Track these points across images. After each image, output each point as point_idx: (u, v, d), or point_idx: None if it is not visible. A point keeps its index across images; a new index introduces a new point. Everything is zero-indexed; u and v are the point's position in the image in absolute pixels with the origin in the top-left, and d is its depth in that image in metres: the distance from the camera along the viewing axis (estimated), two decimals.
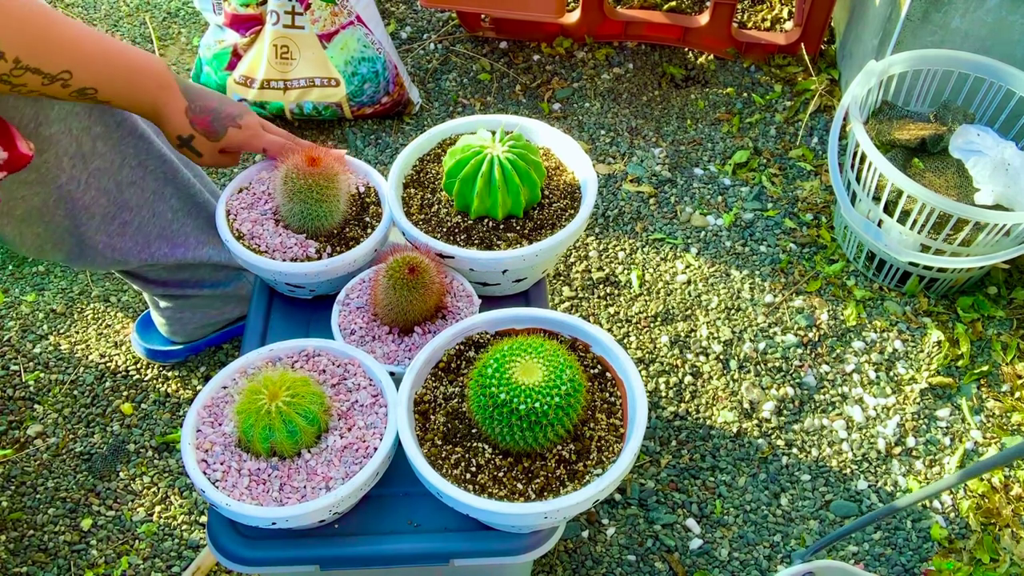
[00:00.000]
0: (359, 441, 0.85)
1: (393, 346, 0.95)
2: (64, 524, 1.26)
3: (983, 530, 1.25)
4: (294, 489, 0.81)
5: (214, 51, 1.68)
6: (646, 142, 1.75)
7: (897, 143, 1.46)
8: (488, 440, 0.83)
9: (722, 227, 1.61)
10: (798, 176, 1.68)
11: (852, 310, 1.48)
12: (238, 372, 0.90)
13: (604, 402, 0.87)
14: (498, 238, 0.99)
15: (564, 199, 1.03)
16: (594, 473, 0.81)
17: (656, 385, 1.40)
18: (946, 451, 1.34)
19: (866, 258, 1.52)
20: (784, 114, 1.78)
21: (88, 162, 1.05)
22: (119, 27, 1.98)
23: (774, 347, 1.45)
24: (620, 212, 1.63)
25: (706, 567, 1.23)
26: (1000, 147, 1.42)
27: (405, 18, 1.99)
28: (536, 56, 1.90)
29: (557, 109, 1.81)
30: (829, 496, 1.29)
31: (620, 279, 1.54)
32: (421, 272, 0.91)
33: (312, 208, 0.98)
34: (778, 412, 1.37)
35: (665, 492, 1.29)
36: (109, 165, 1.08)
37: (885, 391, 1.40)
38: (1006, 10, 1.44)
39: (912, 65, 1.49)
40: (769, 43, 1.85)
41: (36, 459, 1.32)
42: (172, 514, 1.27)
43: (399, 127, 1.76)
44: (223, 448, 0.84)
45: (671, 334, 1.46)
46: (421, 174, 1.07)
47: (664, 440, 1.34)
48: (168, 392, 1.40)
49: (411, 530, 0.88)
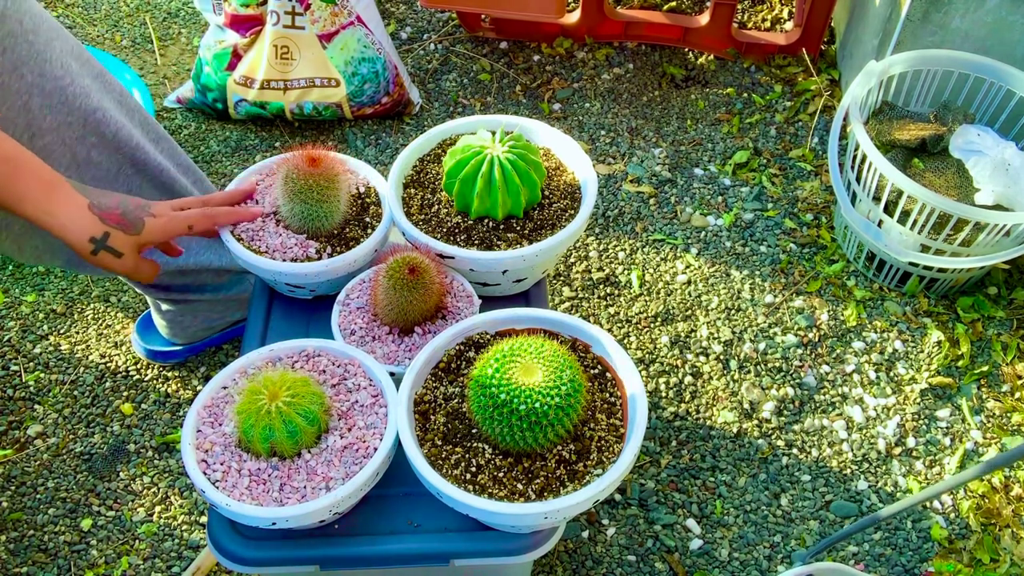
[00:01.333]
0: (359, 441, 0.85)
1: (393, 346, 0.95)
2: (64, 524, 1.26)
3: (983, 530, 1.25)
4: (294, 489, 0.81)
5: (214, 51, 1.68)
6: (646, 142, 1.75)
7: (897, 143, 1.46)
8: (488, 440, 0.83)
9: (722, 227, 1.61)
10: (798, 176, 1.68)
11: (852, 310, 1.48)
12: (238, 372, 0.90)
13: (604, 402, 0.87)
14: (498, 238, 0.99)
15: (564, 199, 1.03)
16: (594, 473, 0.81)
17: (656, 385, 1.40)
18: (946, 451, 1.34)
19: (866, 258, 1.52)
20: (784, 114, 1.78)
21: (83, 172, 1.05)
22: (119, 27, 1.98)
23: (774, 347, 1.45)
24: (620, 212, 1.63)
25: (706, 567, 1.23)
26: (1000, 147, 1.42)
27: (405, 18, 1.99)
28: (536, 56, 1.90)
29: (557, 109, 1.81)
30: (829, 496, 1.29)
31: (620, 279, 1.54)
32: (421, 272, 0.91)
33: (312, 208, 0.98)
34: (778, 412, 1.37)
35: (665, 492, 1.29)
36: (105, 174, 1.07)
37: (885, 391, 1.40)
38: (1006, 10, 1.44)
39: (912, 65, 1.49)
40: (769, 43, 1.85)
41: (36, 459, 1.32)
42: (172, 514, 1.27)
43: (399, 127, 1.76)
44: (223, 448, 0.84)
45: (671, 334, 1.46)
46: (421, 174, 1.07)
47: (664, 440, 1.34)
48: (168, 392, 1.40)
49: (411, 530, 0.88)
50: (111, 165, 1.08)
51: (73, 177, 1.03)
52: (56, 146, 1.00)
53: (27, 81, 0.96)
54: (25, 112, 0.97)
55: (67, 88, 1.01)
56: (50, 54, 0.99)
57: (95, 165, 1.06)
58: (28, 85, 0.97)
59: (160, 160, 1.14)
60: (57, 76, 1.00)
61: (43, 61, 0.98)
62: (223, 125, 1.77)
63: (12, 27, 0.94)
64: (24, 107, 0.97)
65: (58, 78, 1.00)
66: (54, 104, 1.00)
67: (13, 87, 0.95)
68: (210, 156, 1.72)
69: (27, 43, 0.96)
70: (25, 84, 0.96)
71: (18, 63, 0.95)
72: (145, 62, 1.90)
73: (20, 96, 0.96)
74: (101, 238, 0.88)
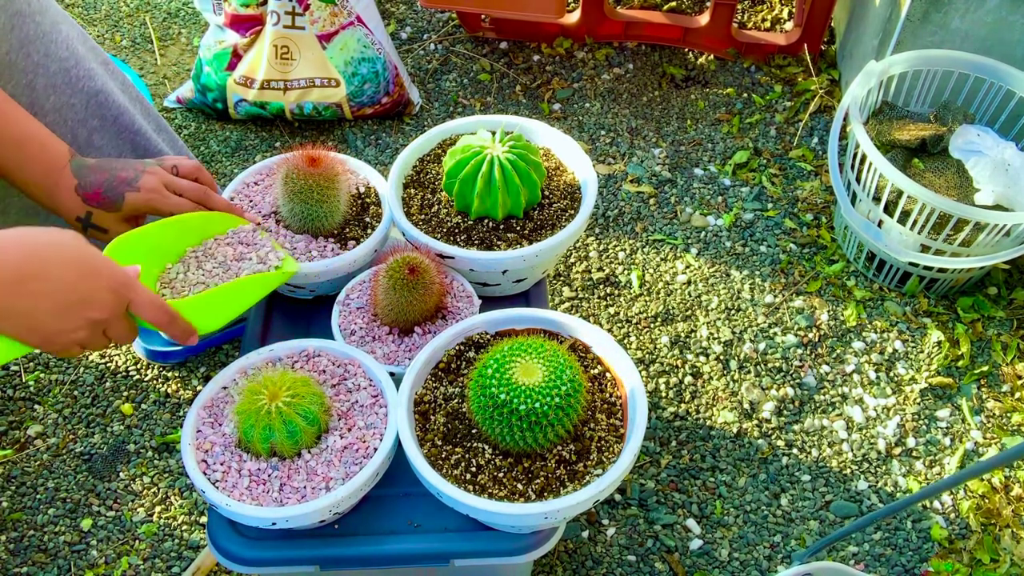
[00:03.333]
0: (359, 441, 0.85)
1: (393, 346, 0.96)
2: (64, 524, 1.26)
3: (983, 530, 1.25)
4: (294, 489, 0.81)
5: (214, 51, 1.68)
6: (646, 142, 1.75)
7: (897, 143, 1.46)
8: (488, 440, 0.83)
9: (722, 227, 1.61)
10: (798, 176, 1.68)
11: (852, 310, 1.48)
12: (238, 372, 0.90)
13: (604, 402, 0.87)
14: (498, 238, 0.99)
15: (564, 199, 1.03)
16: (594, 473, 0.81)
17: (656, 385, 1.40)
18: (946, 451, 1.34)
19: (866, 258, 1.52)
20: (784, 114, 1.78)
21: (84, 154, 1.05)
22: (119, 27, 1.98)
23: (774, 347, 1.45)
24: (620, 212, 1.63)
25: (706, 567, 1.23)
26: (1000, 147, 1.42)
27: (405, 18, 1.99)
28: (536, 56, 1.90)
29: (557, 109, 1.81)
30: (829, 496, 1.29)
31: (620, 279, 1.54)
32: (421, 272, 0.91)
33: (312, 208, 0.99)
34: (778, 412, 1.37)
35: (665, 492, 1.29)
36: None
37: (885, 391, 1.40)
38: (1006, 10, 1.44)
39: (912, 65, 1.49)
40: (769, 43, 1.85)
41: (36, 459, 1.32)
42: (172, 514, 1.27)
43: (399, 127, 1.76)
44: (223, 448, 0.84)
45: (671, 334, 1.46)
46: (421, 174, 1.07)
47: (664, 440, 1.34)
48: (168, 392, 1.40)
49: (411, 530, 0.88)
50: (112, 150, 1.08)
51: None
52: (58, 126, 1.01)
53: (33, 60, 0.97)
54: (29, 91, 0.97)
55: (72, 70, 1.01)
56: (56, 36, 1.00)
57: (96, 149, 1.06)
58: (34, 64, 0.97)
59: (162, 148, 1.14)
60: (63, 57, 1.00)
61: (49, 42, 0.98)
62: (223, 125, 1.77)
63: (19, 7, 0.95)
64: (28, 86, 0.97)
65: (63, 59, 1.00)
66: (58, 85, 1.00)
67: (19, 65, 0.95)
68: (210, 156, 1.72)
69: (34, 23, 0.97)
70: (31, 63, 0.96)
71: (25, 41, 0.95)
72: (145, 62, 1.90)
73: (25, 75, 0.96)
74: (85, 217, 0.91)
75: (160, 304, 0.80)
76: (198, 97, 1.74)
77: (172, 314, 0.81)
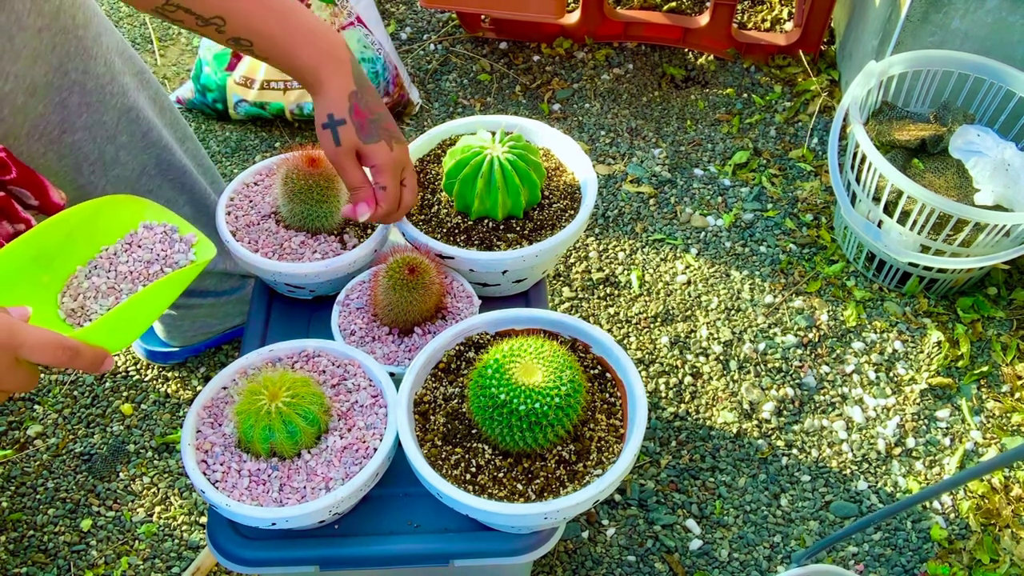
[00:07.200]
0: (359, 442, 0.85)
1: (393, 347, 0.95)
2: (64, 524, 1.26)
3: (983, 531, 1.25)
4: (294, 490, 0.81)
5: (214, 51, 1.68)
6: (646, 143, 1.75)
7: (897, 144, 1.46)
8: (488, 441, 0.83)
9: (722, 228, 1.61)
10: (798, 177, 1.68)
11: (852, 311, 1.48)
12: (238, 373, 0.90)
13: (604, 403, 0.87)
14: (498, 239, 0.99)
15: (564, 200, 1.03)
16: (594, 473, 0.81)
17: (656, 386, 1.40)
18: (946, 452, 1.34)
19: (866, 259, 1.52)
20: (784, 115, 1.78)
21: (108, 170, 1.04)
22: (119, 27, 1.98)
23: (774, 348, 1.45)
24: (620, 213, 1.63)
25: (706, 568, 1.23)
26: (1000, 148, 1.42)
27: (405, 19, 1.99)
28: (536, 57, 1.90)
29: (557, 110, 1.81)
30: (829, 497, 1.29)
31: (620, 280, 1.54)
32: (421, 273, 0.91)
33: (312, 208, 0.98)
34: (778, 413, 1.37)
35: (665, 493, 1.29)
36: (129, 173, 1.07)
37: (885, 392, 1.40)
38: (1006, 11, 1.44)
39: (912, 66, 1.49)
40: (769, 44, 1.85)
41: (36, 459, 1.32)
42: (172, 515, 1.27)
43: (399, 128, 1.76)
44: (223, 449, 0.84)
45: (671, 335, 1.46)
46: (421, 175, 1.07)
47: (664, 440, 1.34)
48: (168, 393, 1.40)
49: (411, 531, 0.88)
50: (136, 165, 1.07)
51: (95, 174, 1.02)
52: (85, 143, 1.00)
53: (70, 79, 0.96)
54: (62, 109, 0.96)
55: (107, 86, 1.00)
56: (97, 50, 0.98)
57: (121, 164, 1.05)
58: (71, 83, 0.96)
59: (184, 162, 1.14)
60: (99, 74, 0.99)
61: (89, 58, 0.97)
62: (223, 125, 1.77)
63: (65, 22, 0.93)
64: (61, 104, 0.96)
65: (100, 76, 0.99)
66: (92, 103, 0.99)
67: (55, 84, 0.94)
68: (210, 156, 1.72)
69: (76, 39, 0.95)
70: (68, 81, 0.95)
71: (64, 59, 0.94)
72: (145, 62, 1.90)
73: (60, 93, 0.95)
74: (337, 120, 0.88)
75: (55, 343, 0.68)
76: (198, 97, 1.74)
77: (73, 348, 0.70)
